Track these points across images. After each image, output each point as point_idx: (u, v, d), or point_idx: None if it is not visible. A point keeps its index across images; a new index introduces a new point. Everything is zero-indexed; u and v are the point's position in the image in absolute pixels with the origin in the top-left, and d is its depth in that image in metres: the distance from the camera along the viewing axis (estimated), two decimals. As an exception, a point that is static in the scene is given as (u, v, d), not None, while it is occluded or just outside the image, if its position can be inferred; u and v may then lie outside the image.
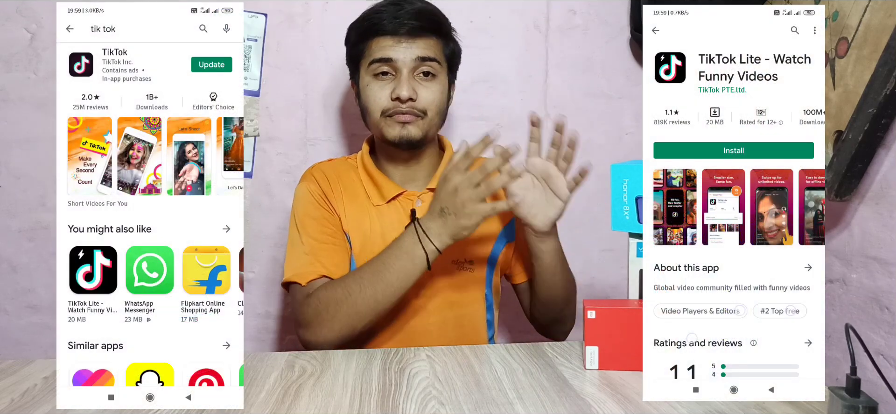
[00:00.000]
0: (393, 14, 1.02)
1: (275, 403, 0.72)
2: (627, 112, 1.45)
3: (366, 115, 1.07)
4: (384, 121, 1.04)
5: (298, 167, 1.38)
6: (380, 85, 1.03)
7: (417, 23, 1.02)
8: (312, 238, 1.03)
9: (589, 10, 1.42)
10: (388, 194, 1.07)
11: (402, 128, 1.03)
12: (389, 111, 1.03)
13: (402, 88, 1.01)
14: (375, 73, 1.03)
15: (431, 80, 1.04)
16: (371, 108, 1.04)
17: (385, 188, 1.07)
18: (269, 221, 1.39)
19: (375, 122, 1.05)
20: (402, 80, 1.02)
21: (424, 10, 1.04)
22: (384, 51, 1.02)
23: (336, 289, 0.95)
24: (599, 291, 1.48)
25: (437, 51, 1.05)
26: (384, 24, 1.02)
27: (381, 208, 1.07)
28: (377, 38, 1.03)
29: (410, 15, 1.02)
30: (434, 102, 1.04)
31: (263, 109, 1.37)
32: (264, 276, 1.40)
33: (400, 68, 1.02)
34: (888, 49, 0.88)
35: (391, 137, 1.03)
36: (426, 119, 1.04)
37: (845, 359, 0.67)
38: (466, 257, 1.07)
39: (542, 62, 1.43)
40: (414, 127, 1.03)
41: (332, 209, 1.07)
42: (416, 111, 1.03)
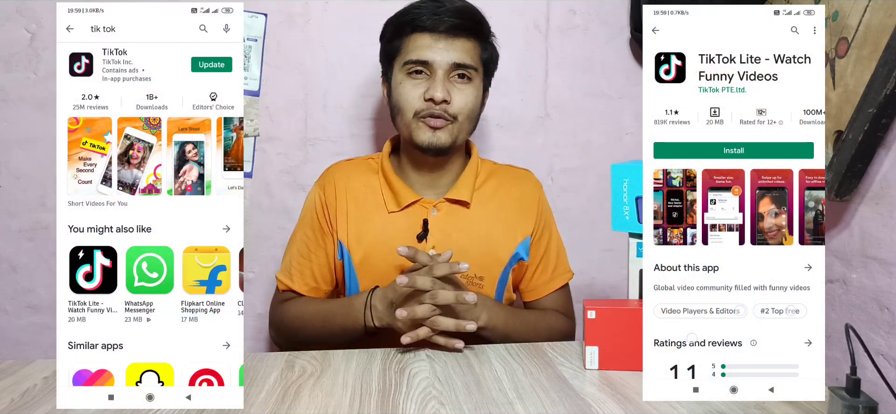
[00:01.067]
0: (432, 10, 0.99)
1: (275, 403, 0.72)
2: (627, 112, 1.45)
3: (397, 114, 1.04)
4: (415, 123, 1.01)
5: (298, 167, 1.38)
6: (413, 83, 1.01)
7: (458, 21, 1.00)
8: (299, 247, 1.09)
9: (589, 10, 1.42)
10: (404, 201, 1.05)
11: (432, 134, 1.00)
12: (422, 113, 1.00)
13: (437, 89, 0.98)
14: (410, 71, 1.01)
15: (466, 84, 1.02)
16: (403, 108, 1.02)
17: (401, 195, 1.05)
18: (269, 221, 1.39)
19: (406, 122, 1.02)
20: (436, 81, 0.99)
21: (465, 9, 1.02)
22: (420, 51, 1.00)
23: (293, 316, 1.05)
24: (599, 291, 1.48)
25: (475, 55, 1.03)
26: (423, 19, 0.99)
27: (394, 215, 1.05)
28: (414, 35, 1.01)
29: (451, 13, 0.99)
30: (466, 107, 1.02)
31: (263, 109, 1.37)
32: (264, 276, 1.40)
33: (435, 70, 1.00)
34: (888, 49, 0.88)
35: (420, 142, 1.01)
36: (456, 124, 1.01)
37: (845, 359, 0.67)
38: (477, 273, 1.04)
39: (542, 62, 1.43)
40: (444, 132, 1.01)
41: (328, 225, 1.07)
42: (448, 115, 1.00)
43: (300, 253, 1.09)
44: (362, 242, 1.04)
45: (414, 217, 1.05)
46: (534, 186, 1.14)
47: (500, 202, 1.08)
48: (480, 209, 1.07)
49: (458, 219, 1.05)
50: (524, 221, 1.09)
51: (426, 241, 1.03)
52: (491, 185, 1.10)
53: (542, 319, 1.07)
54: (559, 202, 1.44)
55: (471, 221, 1.05)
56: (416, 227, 1.03)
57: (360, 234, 1.05)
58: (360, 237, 1.05)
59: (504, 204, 1.09)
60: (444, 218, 1.05)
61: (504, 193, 1.10)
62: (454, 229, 1.04)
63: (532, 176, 1.16)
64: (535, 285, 1.12)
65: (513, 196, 1.10)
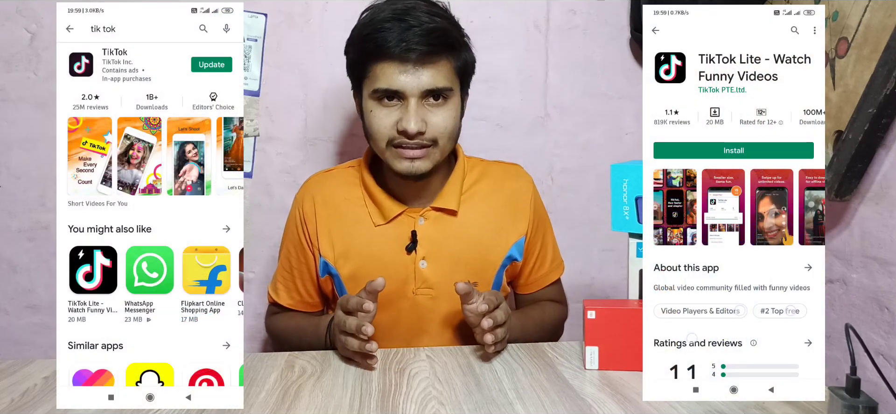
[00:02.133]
0: (399, 36, 0.90)
1: (275, 403, 0.72)
2: (627, 112, 1.45)
3: (369, 138, 0.99)
4: (390, 151, 0.96)
5: (298, 167, 1.38)
6: (385, 112, 0.94)
7: (427, 48, 0.91)
8: (283, 262, 1.11)
9: (589, 10, 1.42)
10: (390, 214, 1.01)
11: (410, 163, 0.95)
12: (395, 142, 0.95)
13: (410, 121, 0.92)
14: (380, 98, 0.95)
15: (442, 105, 0.95)
16: (375, 136, 0.96)
17: (386, 207, 1.02)
18: (268, 221, 1.39)
19: (381, 150, 0.97)
20: (409, 112, 0.92)
21: (434, 30, 0.91)
22: (389, 80, 0.92)
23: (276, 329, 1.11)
24: (599, 291, 1.48)
25: (449, 73, 0.95)
26: (390, 47, 0.90)
27: (381, 228, 1.02)
28: (381, 63, 0.93)
29: (419, 37, 0.90)
30: (446, 130, 0.96)
31: (263, 109, 1.37)
32: (264, 276, 1.40)
33: (407, 98, 0.93)
34: (888, 49, 0.88)
35: (398, 170, 0.96)
36: (437, 147, 0.96)
37: (845, 359, 0.67)
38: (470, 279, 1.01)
39: (542, 62, 1.43)
40: (422, 162, 0.95)
41: (307, 241, 1.05)
42: (425, 142, 0.95)
43: (284, 267, 1.10)
44: (350, 258, 1.02)
45: (401, 228, 1.02)
46: (525, 183, 1.10)
47: (490, 205, 1.06)
48: (470, 214, 1.04)
49: (446, 227, 1.03)
50: (517, 222, 1.06)
51: (416, 251, 1.00)
52: (480, 187, 1.07)
53: (545, 313, 1.09)
54: (559, 202, 1.44)
55: (460, 227, 1.03)
56: (404, 238, 1.01)
57: (347, 249, 1.02)
58: (347, 253, 1.02)
59: (494, 206, 1.06)
60: (432, 227, 1.02)
61: (494, 195, 1.07)
62: (443, 238, 1.02)
63: (522, 171, 1.12)
64: (533, 280, 1.11)
65: (503, 196, 1.07)
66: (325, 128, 1.39)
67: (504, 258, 1.05)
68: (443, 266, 1.00)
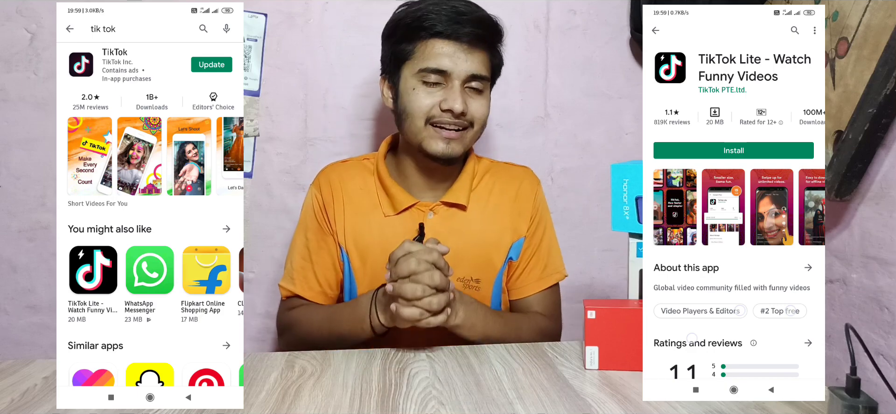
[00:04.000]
0: (452, 17, 0.95)
1: (275, 403, 0.72)
2: (627, 112, 1.45)
3: (405, 119, 1.00)
4: (427, 130, 0.98)
5: (298, 167, 1.38)
6: (427, 91, 0.98)
7: (480, 31, 0.97)
8: (300, 251, 1.07)
9: (589, 10, 1.42)
10: (400, 205, 1.04)
11: (446, 144, 0.98)
12: (435, 120, 0.98)
13: (456, 101, 0.96)
14: (425, 78, 0.97)
15: (479, 94, 1.00)
16: (415, 115, 0.98)
17: (397, 199, 1.04)
18: (268, 221, 1.39)
19: (417, 129, 0.99)
20: (454, 92, 0.96)
21: (486, 20, 0.99)
22: (439, 59, 0.96)
23: (300, 320, 1.03)
24: (599, 291, 1.48)
25: (488, 65, 1.01)
26: (442, 25, 0.95)
27: (390, 219, 1.04)
28: (432, 40, 0.96)
29: (473, 22, 0.96)
30: (482, 116, 1.01)
31: (263, 109, 1.37)
32: (264, 276, 1.40)
33: (452, 79, 0.97)
34: (888, 49, 0.88)
35: (433, 151, 0.99)
36: (471, 131, 1.01)
37: (845, 359, 0.67)
38: (473, 276, 1.04)
39: (542, 62, 1.43)
40: (458, 143, 0.99)
41: (328, 225, 1.06)
42: (464, 123, 0.99)
43: (302, 256, 1.07)
44: (359, 245, 1.04)
45: (410, 221, 1.04)
46: (530, 184, 1.11)
47: (496, 203, 1.07)
48: (477, 211, 1.06)
49: (454, 222, 1.04)
50: (518, 222, 1.07)
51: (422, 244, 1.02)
52: (487, 184, 1.09)
53: (524, 321, 1.04)
54: (559, 202, 1.44)
55: (467, 223, 1.05)
56: (412, 230, 1.02)
57: (357, 236, 1.04)
58: (357, 240, 1.04)
59: (499, 205, 1.07)
60: (440, 221, 1.04)
61: (500, 194, 1.08)
62: (450, 233, 1.03)
63: (530, 173, 1.13)
64: (522, 283, 1.09)
65: (509, 196, 1.08)
66: (325, 128, 1.39)
67: (505, 259, 1.06)
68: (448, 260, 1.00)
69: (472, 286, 1.04)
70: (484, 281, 1.04)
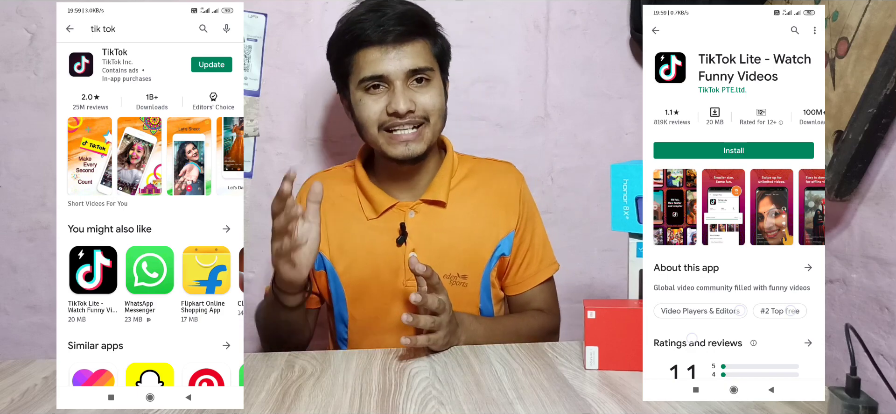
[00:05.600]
0: (376, 22, 0.96)
1: (275, 403, 0.72)
2: (627, 112, 1.45)
3: (361, 129, 1.02)
4: (383, 136, 1.00)
5: (298, 167, 1.38)
6: (373, 98, 0.99)
7: (403, 27, 0.96)
8: None
9: (589, 10, 1.42)
10: (381, 207, 1.04)
11: (405, 147, 0.99)
12: (387, 125, 0.99)
13: (399, 103, 0.96)
14: (367, 88, 0.99)
15: (426, 86, 1.00)
16: (367, 124, 1.00)
17: (377, 201, 1.05)
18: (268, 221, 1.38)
19: (373, 137, 1.00)
20: (397, 93, 0.97)
21: (408, 13, 0.98)
22: (373, 66, 0.97)
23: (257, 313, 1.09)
24: (599, 291, 1.48)
25: (427, 55, 1.00)
26: (368, 33, 0.96)
27: (373, 222, 1.05)
28: (363, 51, 0.98)
29: (394, 20, 0.96)
30: (435, 107, 1.00)
31: (263, 109, 1.37)
32: (264, 276, 1.40)
33: (393, 81, 0.97)
34: (888, 49, 0.88)
35: (393, 155, 1.00)
36: (429, 126, 1.00)
37: (845, 359, 0.67)
38: (459, 272, 1.04)
39: (542, 62, 1.43)
40: (416, 143, 0.99)
41: None
42: (417, 120, 0.99)
43: None
44: (345, 251, 1.04)
45: (392, 222, 1.04)
46: (514, 179, 1.11)
47: (479, 199, 1.07)
48: (459, 207, 1.06)
49: (436, 219, 1.05)
50: (506, 217, 1.07)
51: (406, 244, 1.02)
52: (470, 182, 1.09)
53: (523, 322, 1.06)
54: (559, 202, 1.44)
55: (450, 220, 1.05)
56: (395, 231, 1.03)
57: (342, 243, 1.05)
58: (343, 246, 1.04)
59: (484, 200, 1.08)
60: (422, 220, 1.04)
61: (483, 189, 1.09)
62: (433, 230, 1.03)
63: (513, 168, 1.14)
64: (520, 279, 1.10)
65: (493, 191, 1.09)
66: (325, 128, 1.39)
67: (493, 252, 1.06)
68: (432, 258, 1.00)
69: (459, 282, 1.04)
70: (471, 276, 1.05)
